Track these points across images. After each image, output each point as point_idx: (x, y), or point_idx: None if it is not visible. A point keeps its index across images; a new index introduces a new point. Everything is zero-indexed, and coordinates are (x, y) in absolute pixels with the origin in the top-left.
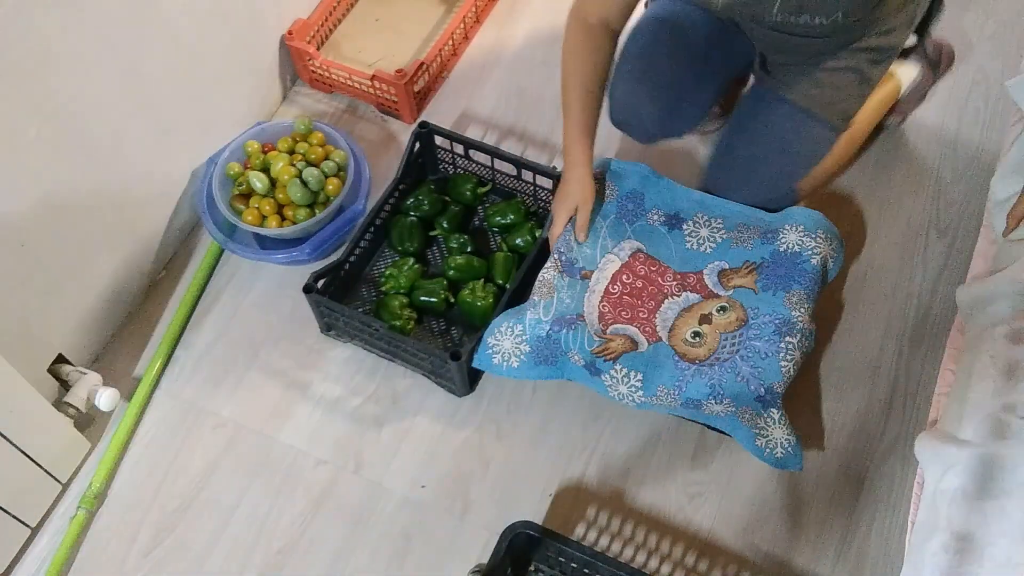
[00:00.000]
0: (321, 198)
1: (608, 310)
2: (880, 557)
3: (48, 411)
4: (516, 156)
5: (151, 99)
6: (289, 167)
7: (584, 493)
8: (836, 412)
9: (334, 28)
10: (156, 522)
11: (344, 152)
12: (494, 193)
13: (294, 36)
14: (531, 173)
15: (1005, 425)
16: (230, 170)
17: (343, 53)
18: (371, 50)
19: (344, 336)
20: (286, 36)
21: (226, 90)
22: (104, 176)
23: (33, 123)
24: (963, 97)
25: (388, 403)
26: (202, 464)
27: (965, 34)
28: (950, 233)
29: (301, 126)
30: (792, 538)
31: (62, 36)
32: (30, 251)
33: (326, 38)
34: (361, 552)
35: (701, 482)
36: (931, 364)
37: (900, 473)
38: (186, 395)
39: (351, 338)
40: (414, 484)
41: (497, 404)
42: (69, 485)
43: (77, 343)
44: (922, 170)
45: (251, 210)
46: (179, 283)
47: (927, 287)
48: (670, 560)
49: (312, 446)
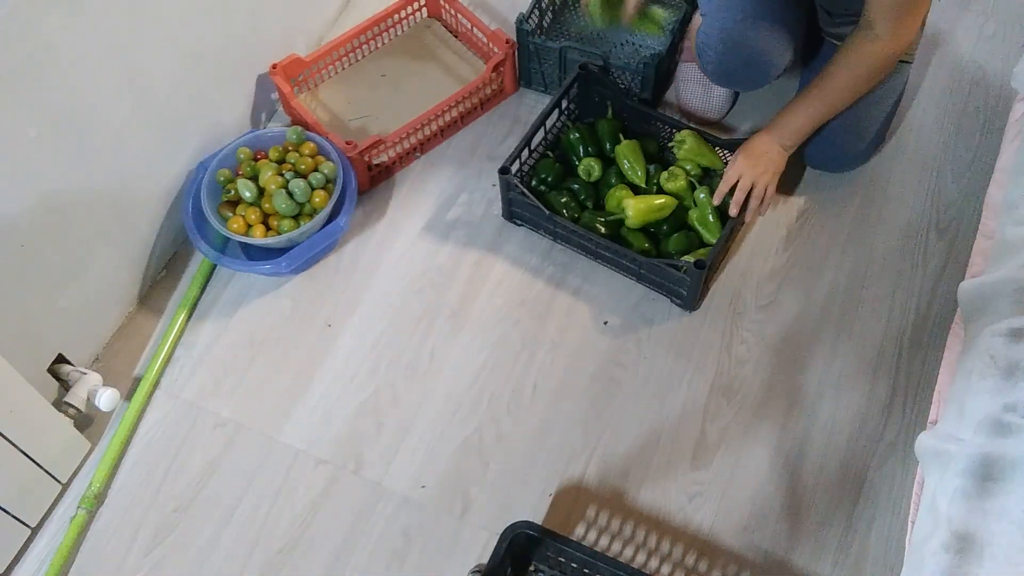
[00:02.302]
0: (307, 209)
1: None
2: (880, 557)
3: (48, 411)
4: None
5: (151, 99)
6: (277, 176)
7: (584, 493)
8: (836, 412)
9: (336, 70)
10: (156, 522)
11: (334, 164)
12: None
13: (277, 71)
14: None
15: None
16: (220, 176)
17: (332, 98)
18: (361, 104)
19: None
20: (270, 71)
21: (226, 91)
22: (104, 176)
23: (33, 123)
24: (963, 97)
25: (389, 403)
26: (202, 464)
27: (965, 34)
28: (950, 233)
29: (293, 135)
30: (792, 538)
31: (62, 36)
32: (30, 251)
33: (323, 78)
34: (361, 552)
35: (701, 482)
36: (931, 364)
37: (900, 473)
38: (186, 395)
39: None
40: (414, 484)
41: (497, 404)
42: (69, 485)
43: (77, 343)
44: (922, 170)
45: (237, 218)
46: (179, 283)
47: (927, 287)
48: (670, 560)
49: (312, 446)
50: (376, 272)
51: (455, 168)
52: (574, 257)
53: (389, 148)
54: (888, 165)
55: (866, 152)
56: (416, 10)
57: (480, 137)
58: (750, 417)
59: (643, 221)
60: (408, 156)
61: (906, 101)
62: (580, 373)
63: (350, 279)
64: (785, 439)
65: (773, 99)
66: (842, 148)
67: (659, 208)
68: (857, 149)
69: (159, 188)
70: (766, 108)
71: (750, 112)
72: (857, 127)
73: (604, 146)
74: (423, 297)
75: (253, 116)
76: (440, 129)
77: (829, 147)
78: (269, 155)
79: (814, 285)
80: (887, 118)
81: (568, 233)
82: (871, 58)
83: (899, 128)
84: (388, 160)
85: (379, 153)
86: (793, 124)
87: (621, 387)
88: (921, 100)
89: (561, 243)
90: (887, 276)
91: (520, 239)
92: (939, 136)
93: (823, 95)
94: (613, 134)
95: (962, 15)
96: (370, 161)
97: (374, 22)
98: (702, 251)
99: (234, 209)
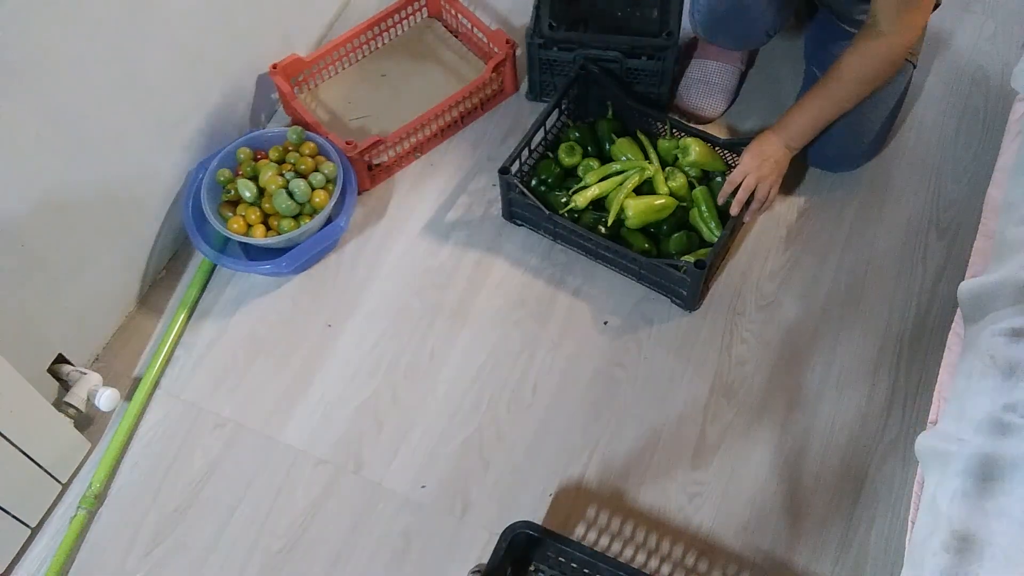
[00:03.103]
0: (307, 209)
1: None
2: (880, 557)
3: (48, 411)
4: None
5: (151, 99)
6: (277, 177)
7: (584, 493)
8: (836, 412)
9: (336, 70)
10: (156, 522)
11: (334, 164)
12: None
13: (277, 71)
14: None
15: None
16: (220, 176)
17: (332, 98)
18: (361, 104)
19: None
20: (270, 71)
21: (226, 91)
22: (104, 176)
23: (33, 123)
24: (963, 97)
25: (389, 403)
26: (202, 464)
27: (965, 34)
28: (950, 233)
29: (293, 135)
30: (792, 538)
31: (62, 36)
32: (30, 251)
33: (323, 78)
34: (361, 552)
35: (701, 482)
36: (931, 364)
37: (900, 473)
38: (186, 395)
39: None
40: (414, 484)
41: (497, 404)
42: (69, 485)
43: (77, 343)
44: (922, 170)
45: (237, 218)
46: (179, 283)
47: (927, 287)
48: (670, 560)
49: (312, 446)
50: (376, 272)
51: (455, 168)
52: (574, 257)
53: (389, 148)
54: (888, 165)
55: (868, 152)
56: (416, 10)
57: (480, 137)
58: (750, 417)
59: (643, 221)
60: (408, 156)
61: (907, 101)
62: (580, 373)
63: (350, 279)
64: (785, 439)
65: (771, 102)
66: (845, 148)
67: (659, 208)
68: (859, 150)
69: (159, 188)
70: (765, 109)
71: (749, 112)
72: (859, 127)
73: (603, 147)
74: (423, 297)
75: (253, 116)
76: (440, 129)
77: (831, 147)
78: (269, 155)
79: (814, 285)
80: (889, 119)
81: (568, 233)
82: (877, 56)
83: (899, 128)
84: (388, 160)
85: (379, 153)
86: (799, 124)
87: (621, 387)
88: (921, 100)
89: (561, 243)
90: (887, 276)
91: (520, 239)
92: (939, 136)
93: (829, 94)
94: (613, 134)
95: (962, 15)
96: (370, 161)
97: (374, 22)
98: (702, 251)
99: (234, 209)
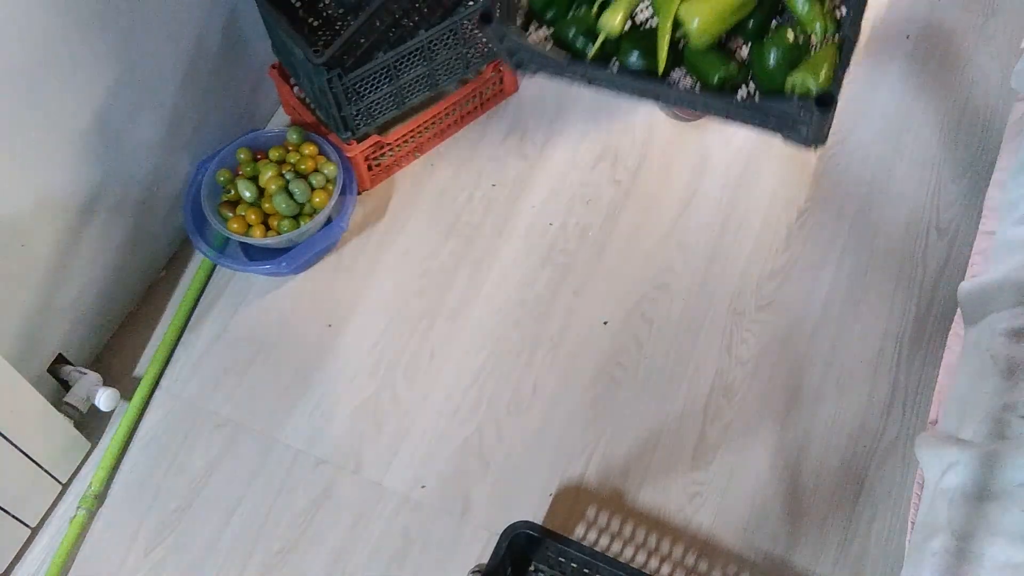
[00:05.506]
0: (307, 210)
1: None
2: (880, 557)
3: (48, 411)
4: None
5: (151, 99)
6: (277, 177)
7: (584, 493)
8: (836, 412)
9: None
10: (156, 522)
11: (335, 164)
12: None
13: (277, 71)
14: None
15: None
16: (220, 176)
17: None
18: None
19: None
20: (270, 71)
21: (226, 91)
22: (104, 176)
23: (33, 123)
24: (963, 97)
25: (389, 403)
26: (202, 464)
27: (965, 34)
28: (950, 233)
29: (294, 135)
30: (792, 538)
31: (62, 36)
32: (30, 251)
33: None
34: (361, 552)
35: (701, 482)
36: (931, 364)
37: (900, 473)
38: (186, 395)
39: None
40: (414, 484)
41: (497, 404)
42: (69, 485)
43: (77, 343)
44: (922, 170)
45: (237, 218)
46: (179, 283)
47: (927, 287)
48: (670, 560)
49: (312, 446)
50: (376, 272)
51: (455, 168)
52: (575, 257)
53: (389, 148)
54: (888, 165)
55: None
56: None
57: (480, 137)
58: (750, 417)
59: (717, 31)
60: (408, 156)
61: (907, 101)
62: (580, 373)
63: (350, 279)
64: (785, 439)
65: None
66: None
67: (737, 6)
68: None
69: (159, 188)
70: None
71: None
72: None
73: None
74: (423, 297)
75: (253, 116)
76: (440, 129)
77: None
78: (269, 155)
79: (814, 285)
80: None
81: (605, 78)
82: None
83: (899, 128)
84: (388, 160)
85: (379, 153)
86: None
87: (621, 387)
88: (921, 100)
89: (597, 86)
90: (887, 276)
91: (521, 239)
92: (939, 136)
93: None
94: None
95: (962, 15)
96: (370, 161)
97: None
98: (820, 56)
99: (234, 209)
